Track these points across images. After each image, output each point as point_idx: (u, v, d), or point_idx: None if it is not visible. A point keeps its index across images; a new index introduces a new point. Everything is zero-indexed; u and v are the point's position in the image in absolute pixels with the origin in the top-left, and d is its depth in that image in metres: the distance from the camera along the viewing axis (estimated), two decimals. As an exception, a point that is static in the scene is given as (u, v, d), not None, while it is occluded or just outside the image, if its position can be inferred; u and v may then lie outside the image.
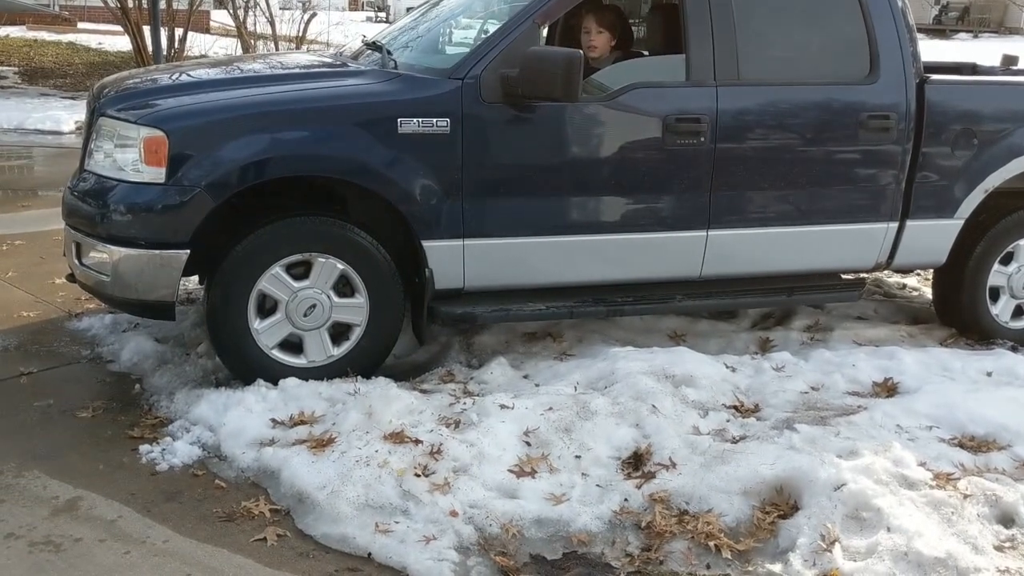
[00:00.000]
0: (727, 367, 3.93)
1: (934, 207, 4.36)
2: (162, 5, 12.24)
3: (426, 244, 3.70)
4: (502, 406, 3.39)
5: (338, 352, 3.73)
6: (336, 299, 3.68)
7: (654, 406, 3.41)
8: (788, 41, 4.17)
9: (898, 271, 5.03)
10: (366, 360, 3.76)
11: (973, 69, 5.65)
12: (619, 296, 4.07)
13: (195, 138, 3.46)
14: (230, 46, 14.56)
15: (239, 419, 3.32)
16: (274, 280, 3.59)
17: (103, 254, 3.51)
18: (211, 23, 19.95)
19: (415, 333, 3.99)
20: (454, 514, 2.84)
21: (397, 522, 2.81)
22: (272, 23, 13.14)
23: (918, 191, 4.29)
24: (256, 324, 3.61)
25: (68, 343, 4.16)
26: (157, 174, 3.42)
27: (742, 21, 3.98)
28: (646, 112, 3.88)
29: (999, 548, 2.78)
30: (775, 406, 3.62)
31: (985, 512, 2.90)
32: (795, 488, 2.95)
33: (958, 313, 4.69)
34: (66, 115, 10.49)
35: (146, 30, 12.39)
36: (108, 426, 3.42)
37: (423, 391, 3.64)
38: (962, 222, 4.41)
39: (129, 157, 3.50)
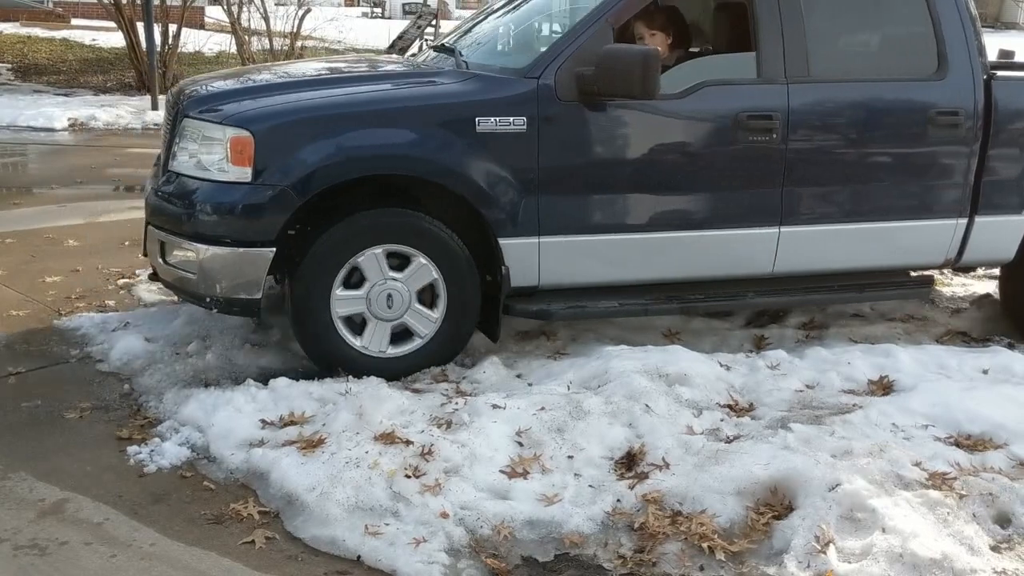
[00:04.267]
0: (721, 366, 3.90)
1: (1003, 203, 4.36)
2: (156, 1, 12.18)
3: (503, 242, 3.75)
4: (494, 406, 3.36)
5: (391, 351, 3.77)
6: (416, 304, 3.75)
7: (648, 405, 3.38)
8: (856, 38, 4.25)
9: (965, 268, 5.02)
10: (444, 347, 3.83)
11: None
12: (690, 293, 4.12)
13: (280, 138, 3.54)
14: (224, 42, 14.51)
15: (228, 420, 3.29)
16: (372, 260, 3.65)
17: (189, 252, 3.59)
18: (205, 19, 19.89)
19: (485, 332, 4.00)
20: (445, 516, 2.81)
21: (387, 524, 2.78)
22: (267, 19, 13.08)
23: (987, 187, 4.30)
24: (338, 291, 3.65)
25: (57, 343, 4.12)
26: (243, 173, 3.50)
27: (811, 18, 4.02)
28: (717, 110, 3.92)
29: (995, 549, 2.75)
30: (770, 405, 3.59)
31: (981, 512, 2.87)
32: (789, 488, 2.91)
33: None
34: (59, 112, 10.43)
35: (140, 26, 12.33)
36: (96, 427, 3.39)
37: (415, 391, 3.61)
38: None
39: (215, 157, 3.58)
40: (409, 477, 2.95)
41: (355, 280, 3.70)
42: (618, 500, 2.92)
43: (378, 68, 4.47)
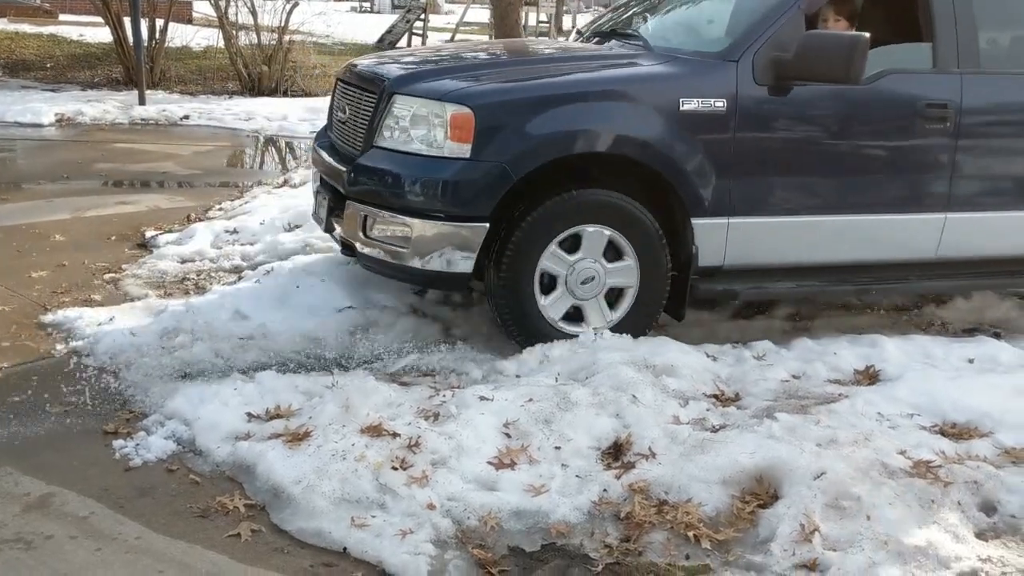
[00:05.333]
0: (708, 356, 3.91)
1: None
2: (143, -4, 12.12)
3: (695, 221, 3.89)
4: (482, 398, 3.36)
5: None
6: (608, 266, 3.88)
7: (634, 396, 3.39)
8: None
9: None
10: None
11: None
12: (859, 276, 4.27)
13: (501, 115, 3.67)
14: (212, 37, 14.45)
15: (214, 413, 3.28)
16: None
17: (400, 227, 3.71)
18: (193, 14, 19.79)
19: (670, 312, 4.11)
20: (432, 507, 2.81)
21: (374, 516, 2.78)
22: (254, 13, 13.01)
23: None
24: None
25: (43, 337, 4.10)
26: (462, 149, 3.63)
27: (981, 11, 4.22)
28: (899, 97, 4.11)
29: (980, 536, 2.77)
30: (756, 395, 3.60)
31: (966, 500, 2.88)
32: (775, 477, 2.93)
33: None
34: (46, 107, 10.36)
35: (127, 21, 12.26)
36: (82, 421, 3.37)
37: (402, 383, 3.61)
38: None
39: (433, 133, 3.70)
40: (396, 469, 2.95)
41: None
42: (605, 490, 2.93)
43: (571, 51, 4.58)
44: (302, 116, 11.11)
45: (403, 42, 20.37)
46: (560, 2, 30.09)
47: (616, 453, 3.14)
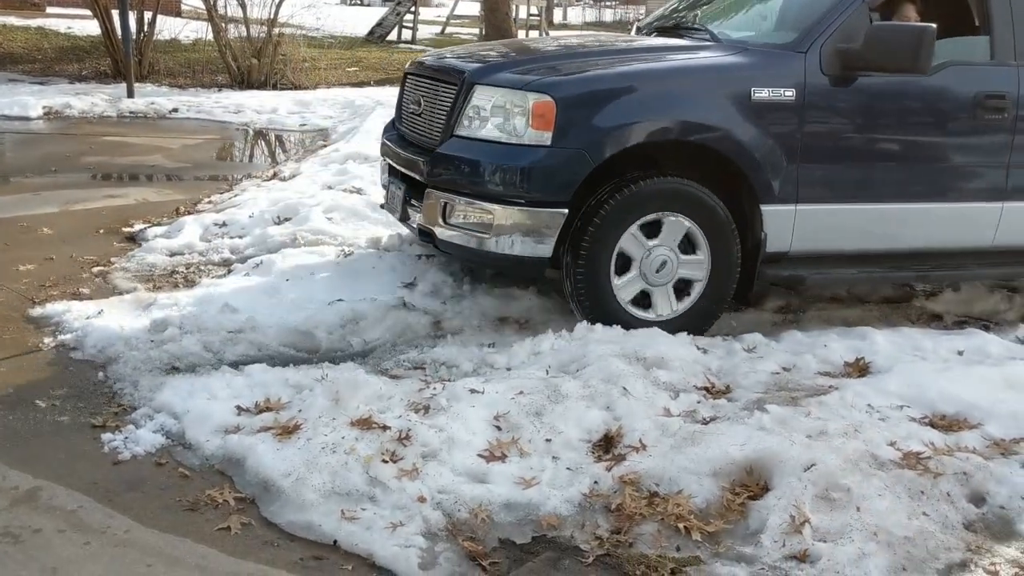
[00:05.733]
0: (699, 349, 3.91)
1: None
2: (131, -12, 12.04)
3: (764, 208, 4.02)
4: (472, 391, 3.35)
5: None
6: (682, 256, 4.01)
7: (625, 388, 3.38)
8: None
9: None
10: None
11: None
12: (918, 264, 4.39)
13: (581, 104, 3.80)
14: (200, 30, 14.38)
15: (203, 406, 3.27)
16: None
17: (484, 213, 3.83)
18: (182, 6, 19.69)
19: (737, 297, 4.22)
20: (422, 500, 2.81)
21: (364, 509, 2.77)
22: (243, 6, 12.95)
23: None
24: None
25: (31, 331, 4.08)
26: (543, 137, 3.77)
27: None
28: (960, 88, 4.23)
29: (969, 527, 2.78)
30: (746, 387, 3.60)
31: (955, 491, 2.89)
32: (765, 469, 2.93)
33: None
34: (33, 100, 10.29)
35: (115, 14, 12.18)
36: (70, 415, 3.35)
37: (392, 376, 3.60)
38: None
39: (515, 122, 3.83)
40: (386, 462, 2.94)
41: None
42: (595, 482, 2.93)
43: (642, 43, 4.70)
44: (291, 109, 11.07)
45: (393, 35, 20.31)
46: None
47: (607, 445, 3.13)
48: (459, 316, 4.33)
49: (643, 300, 4.06)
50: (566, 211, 3.81)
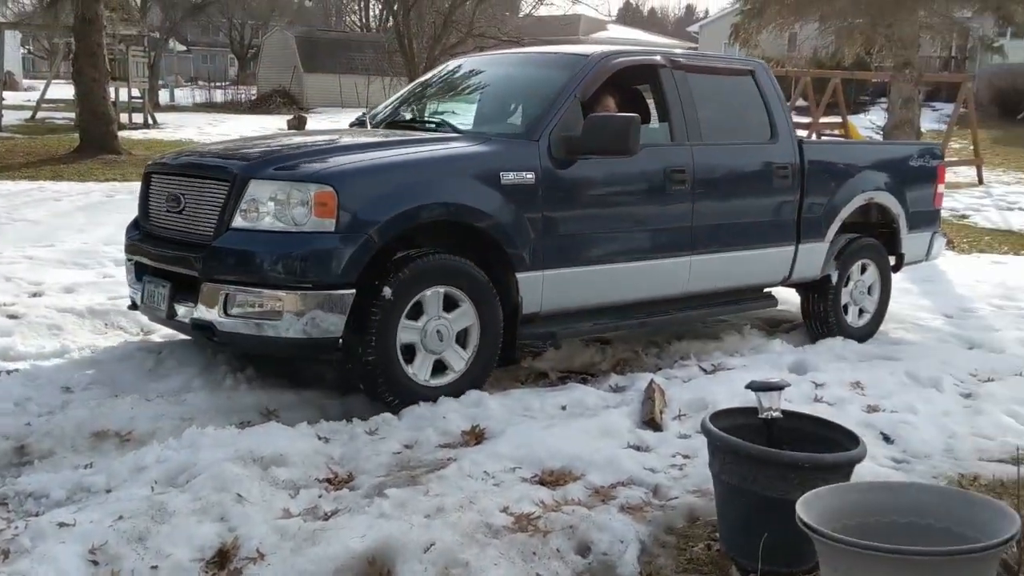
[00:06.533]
0: (320, 438, 3.83)
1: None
2: None
3: (519, 275, 4.53)
4: (61, 524, 2.97)
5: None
6: (448, 315, 4.33)
7: (239, 495, 3.19)
8: (722, 113, 5.53)
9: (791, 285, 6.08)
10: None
11: None
12: (638, 313, 5.17)
13: (361, 191, 4.13)
14: None
15: None
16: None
17: (273, 300, 3.99)
18: None
19: (503, 359, 4.62)
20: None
21: None
22: None
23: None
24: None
25: None
26: (326, 224, 4.02)
27: (700, 99, 5.30)
28: (654, 166, 5.01)
29: (577, 579, 2.92)
30: (369, 472, 3.57)
31: (564, 545, 3.02)
32: (388, 557, 2.88)
33: None
34: None
35: None
36: None
37: (-38, 521, 3.09)
38: None
39: (295, 212, 4.04)
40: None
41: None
42: (209, 606, 2.70)
43: (394, 136, 5.00)
44: None
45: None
46: (154, 76, 28.85)
47: (222, 561, 2.91)
48: (49, 436, 3.85)
49: (440, 366, 4.37)
50: (353, 292, 4.04)
